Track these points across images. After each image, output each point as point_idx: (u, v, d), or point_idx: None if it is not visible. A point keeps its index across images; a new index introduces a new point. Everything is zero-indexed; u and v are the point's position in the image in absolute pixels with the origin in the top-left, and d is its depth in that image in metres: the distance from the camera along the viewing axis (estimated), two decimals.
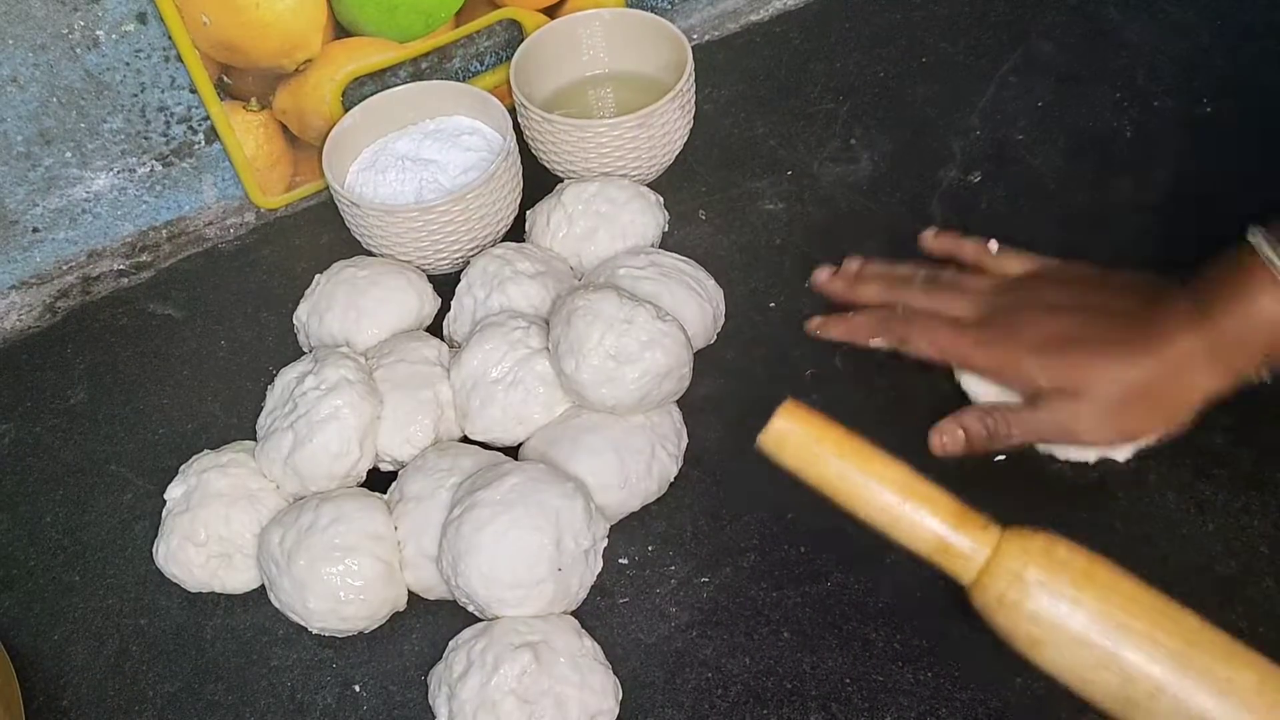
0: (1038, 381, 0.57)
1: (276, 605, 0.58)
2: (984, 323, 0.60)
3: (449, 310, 0.68)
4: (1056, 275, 0.61)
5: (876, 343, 0.63)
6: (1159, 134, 0.72)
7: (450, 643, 0.55)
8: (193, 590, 0.61)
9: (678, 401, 0.63)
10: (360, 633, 0.58)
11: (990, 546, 0.50)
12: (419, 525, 0.57)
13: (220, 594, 0.61)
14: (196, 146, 0.76)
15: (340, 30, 0.73)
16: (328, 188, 0.72)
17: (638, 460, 0.60)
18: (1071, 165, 0.69)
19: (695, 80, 0.74)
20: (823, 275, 0.67)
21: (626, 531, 0.60)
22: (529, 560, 0.54)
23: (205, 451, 0.63)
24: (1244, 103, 0.75)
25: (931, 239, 0.67)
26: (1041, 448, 0.59)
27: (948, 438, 0.58)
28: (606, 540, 0.57)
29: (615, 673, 0.54)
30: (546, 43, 0.76)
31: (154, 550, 0.61)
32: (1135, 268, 0.60)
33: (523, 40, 0.76)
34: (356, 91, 0.76)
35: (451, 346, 0.67)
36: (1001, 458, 0.59)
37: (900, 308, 0.63)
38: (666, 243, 0.72)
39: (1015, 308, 0.60)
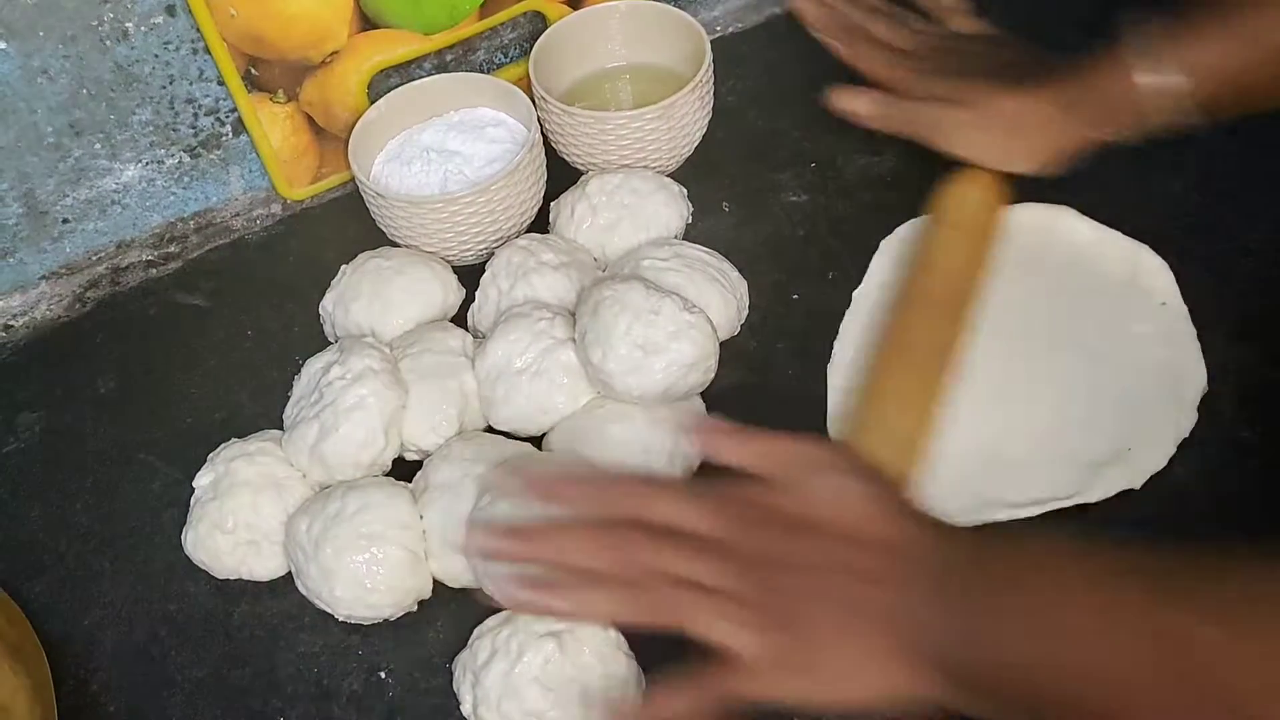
0: None
1: (303, 592, 0.59)
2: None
3: (473, 301, 0.68)
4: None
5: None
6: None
7: (475, 630, 0.55)
8: (221, 577, 0.61)
9: (700, 393, 0.63)
10: (386, 620, 0.58)
11: None
12: (445, 514, 0.58)
13: (248, 581, 0.61)
14: (224, 138, 0.77)
15: (366, 22, 0.73)
16: (353, 179, 0.72)
17: (661, 451, 0.60)
18: (1095, 164, 0.69)
19: (718, 72, 0.74)
20: None
21: None
22: None
23: (233, 440, 0.64)
24: None
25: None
26: None
27: None
28: None
29: (638, 662, 0.54)
30: (565, 36, 0.76)
31: (183, 537, 0.62)
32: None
33: None
34: (382, 83, 0.76)
35: (476, 337, 0.67)
36: None
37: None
38: (690, 234, 0.72)
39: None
